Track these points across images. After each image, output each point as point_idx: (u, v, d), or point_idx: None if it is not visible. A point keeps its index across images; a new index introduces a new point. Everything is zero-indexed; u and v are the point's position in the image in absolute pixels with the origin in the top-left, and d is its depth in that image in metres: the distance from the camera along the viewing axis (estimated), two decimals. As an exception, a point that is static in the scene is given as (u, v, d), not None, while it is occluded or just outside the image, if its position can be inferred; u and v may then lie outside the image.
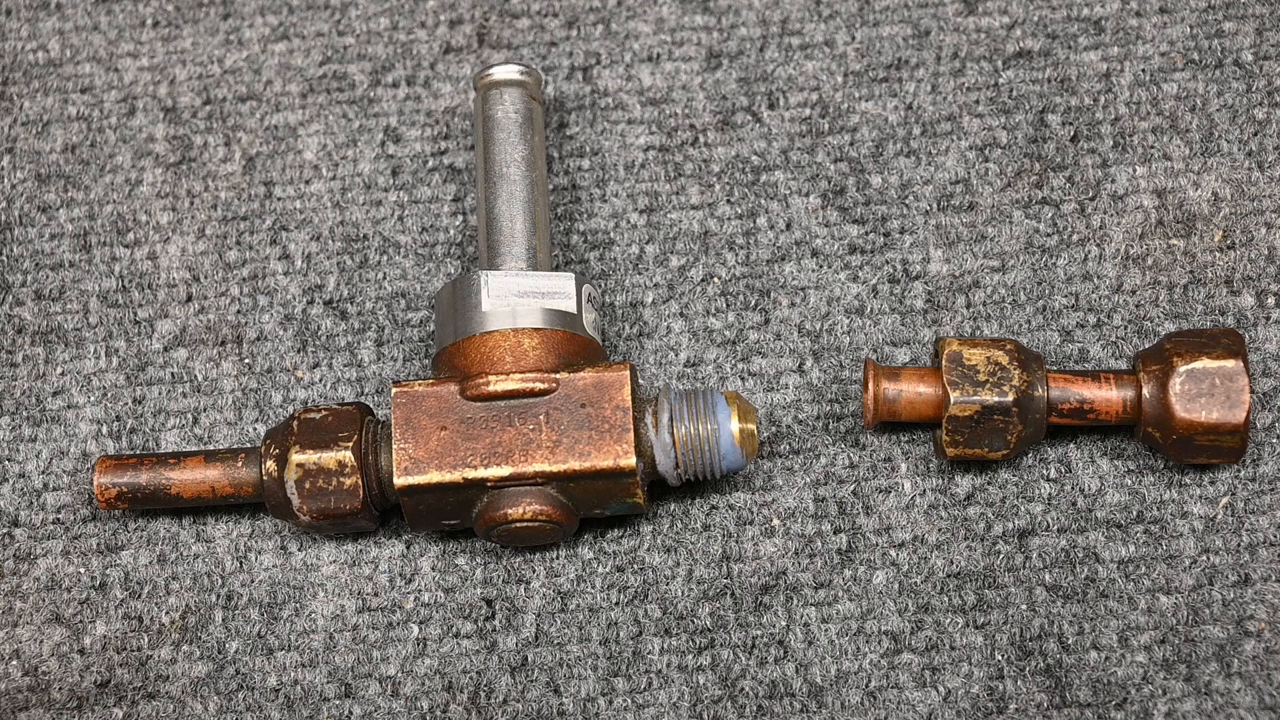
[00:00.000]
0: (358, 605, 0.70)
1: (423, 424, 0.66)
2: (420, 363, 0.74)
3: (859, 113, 0.77)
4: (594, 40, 0.79)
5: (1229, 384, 0.67)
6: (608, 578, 0.70)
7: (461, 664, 0.69)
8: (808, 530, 0.70)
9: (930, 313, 0.73)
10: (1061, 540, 0.70)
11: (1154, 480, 0.70)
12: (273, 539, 0.71)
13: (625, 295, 0.74)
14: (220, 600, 0.70)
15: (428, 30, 0.80)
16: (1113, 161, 0.75)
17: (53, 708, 0.69)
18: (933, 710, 0.67)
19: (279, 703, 0.69)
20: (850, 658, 0.68)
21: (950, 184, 0.75)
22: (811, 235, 0.75)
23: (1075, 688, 0.67)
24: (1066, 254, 0.74)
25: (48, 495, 0.72)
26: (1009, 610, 0.69)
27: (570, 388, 0.66)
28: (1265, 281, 0.73)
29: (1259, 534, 0.69)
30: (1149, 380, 0.67)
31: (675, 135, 0.77)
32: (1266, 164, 0.75)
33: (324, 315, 0.75)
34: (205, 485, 0.69)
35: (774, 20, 0.79)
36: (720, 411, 0.67)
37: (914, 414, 0.68)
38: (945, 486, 0.71)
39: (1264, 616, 0.68)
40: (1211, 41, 0.77)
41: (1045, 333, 0.73)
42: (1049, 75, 0.77)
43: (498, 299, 0.67)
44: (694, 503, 0.71)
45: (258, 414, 0.73)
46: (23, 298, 0.75)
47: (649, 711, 0.68)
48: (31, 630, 0.70)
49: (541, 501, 0.66)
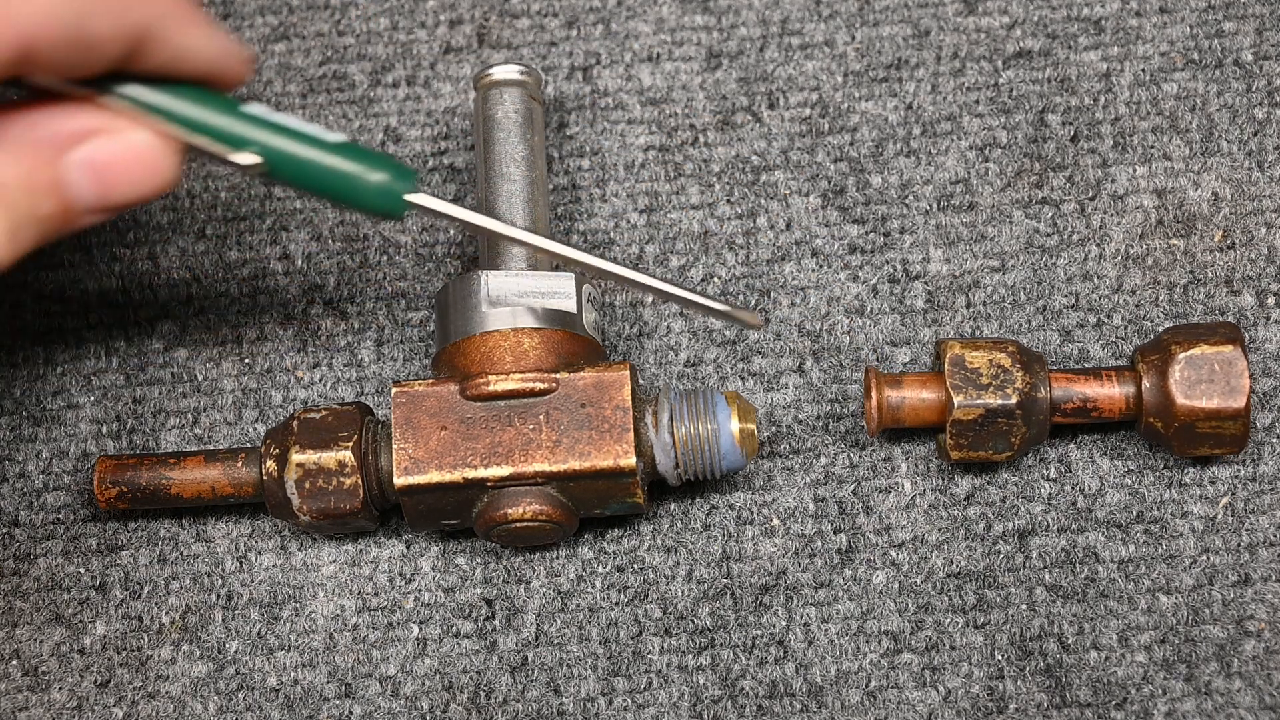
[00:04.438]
0: (358, 605, 0.70)
1: (423, 424, 0.66)
2: (420, 363, 0.74)
3: (859, 113, 0.77)
4: (594, 40, 0.79)
5: (1228, 369, 0.67)
6: (608, 578, 0.70)
7: (461, 664, 0.69)
8: (808, 530, 0.70)
9: (930, 313, 0.73)
10: (1061, 540, 0.70)
11: (1154, 480, 0.70)
12: (273, 539, 0.71)
13: (625, 295, 0.74)
14: (220, 600, 0.70)
15: (428, 30, 0.80)
16: (1113, 161, 0.75)
17: (53, 708, 0.69)
18: (933, 710, 0.68)
19: (279, 703, 0.69)
20: (850, 658, 0.68)
21: (950, 184, 0.75)
22: (811, 235, 0.75)
23: (1075, 688, 0.68)
24: (1066, 254, 0.74)
25: (48, 495, 0.72)
26: (1009, 610, 0.69)
27: (570, 388, 0.66)
28: (1265, 281, 0.73)
29: (1259, 534, 0.70)
30: (1149, 371, 0.67)
31: (675, 135, 0.77)
32: (1266, 164, 0.75)
33: (324, 315, 0.75)
34: (205, 485, 0.69)
35: (774, 20, 0.79)
36: (720, 411, 0.67)
37: (917, 420, 0.68)
38: (945, 486, 0.71)
39: (1264, 616, 0.68)
40: (1211, 41, 0.77)
41: (1045, 333, 0.73)
42: (1049, 75, 0.77)
43: (498, 299, 0.67)
44: (694, 503, 0.71)
45: (258, 414, 0.73)
46: (23, 298, 0.75)
47: (649, 711, 0.68)
48: (31, 630, 0.70)
49: (541, 501, 0.66)
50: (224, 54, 0.57)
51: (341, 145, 0.59)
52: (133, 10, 0.53)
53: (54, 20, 0.50)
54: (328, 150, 0.59)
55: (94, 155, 0.55)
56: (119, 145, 0.55)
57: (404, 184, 0.60)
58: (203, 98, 0.58)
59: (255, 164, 0.58)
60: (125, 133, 0.56)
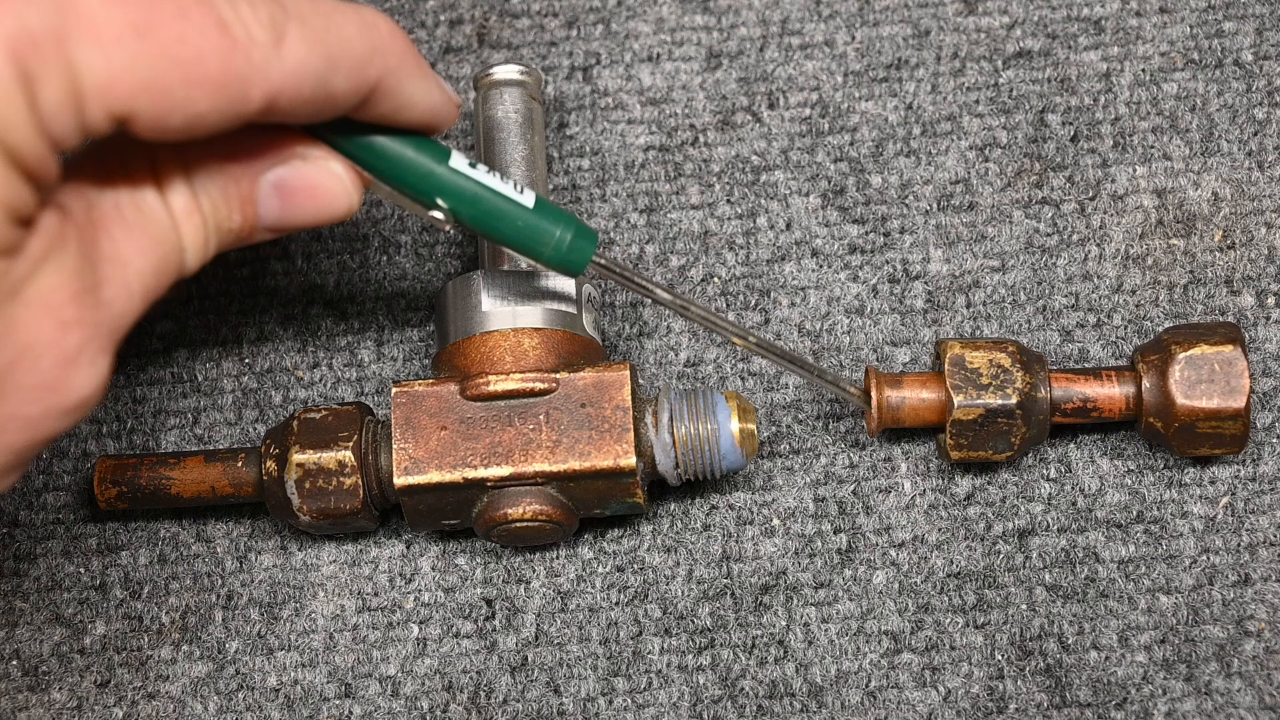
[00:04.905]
0: (358, 605, 0.70)
1: (423, 424, 0.66)
2: (420, 363, 0.74)
3: (859, 113, 0.77)
4: (594, 40, 0.79)
5: (1228, 369, 0.67)
6: (608, 578, 0.70)
7: (461, 664, 0.69)
8: (808, 530, 0.70)
9: (930, 313, 0.73)
10: (1061, 540, 0.70)
11: (1154, 480, 0.70)
12: (273, 539, 0.71)
13: (625, 295, 0.74)
14: (220, 600, 0.70)
15: (428, 30, 0.80)
16: (1113, 161, 0.75)
17: (52, 708, 0.69)
18: (933, 710, 0.68)
19: (279, 703, 0.69)
20: (850, 658, 0.68)
21: (950, 184, 0.75)
22: (811, 235, 0.75)
23: (1075, 688, 0.68)
24: (1066, 254, 0.74)
25: (48, 495, 0.72)
26: (1009, 610, 0.69)
27: (570, 388, 0.66)
28: (1265, 281, 0.73)
29: (1259, 534, 0.70)
30: (1148, 371, 0.67)
31: (675, 135, 0.77)
32: (1266, 164, 0.75)
33: (324, 315, 0.75)
34: (205, 485, 0.69)
35: (774, 20, 0.79)
36: (720, 411, 0.67)
37: (918, 420, 0.68)
38: (945, 486, 0.71)
39: (1264, 616, 0.68)
40: (1211, 41, 0.77)
41: (1045, 333, 0.73)
42: (1049, 75, 0.77)
43: (498, 299, 0.67)
44: (694, 503, 0.71)
45: (258, 414, 0.73)
46: (23, 298, 0.75)
47: (649, 711, 0.68)
48: (31, 630, 0.70)
49: (541, 501, 0.66)
50: (441, 104, 0.58)
51: (530, 207, 0.61)
52: (372, 66, 0.54)
53: (302, 78, 0.52)
54: (518, 211, 0.61)
55: (286, 178, 0.56)
56: (310, 171, 0.57)
57: (585, 247, 0.62)
58: (416, 149, 0.59)
59: (444, 219, 0.60)
60: (319, 160, 0.57)
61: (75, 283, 0.50)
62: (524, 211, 0.61)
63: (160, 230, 0.53)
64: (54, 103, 0.47)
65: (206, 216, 0.55)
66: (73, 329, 0.50)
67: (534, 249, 0.62)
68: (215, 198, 0.55)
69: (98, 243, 0.51)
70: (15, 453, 0.51)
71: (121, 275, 0.52)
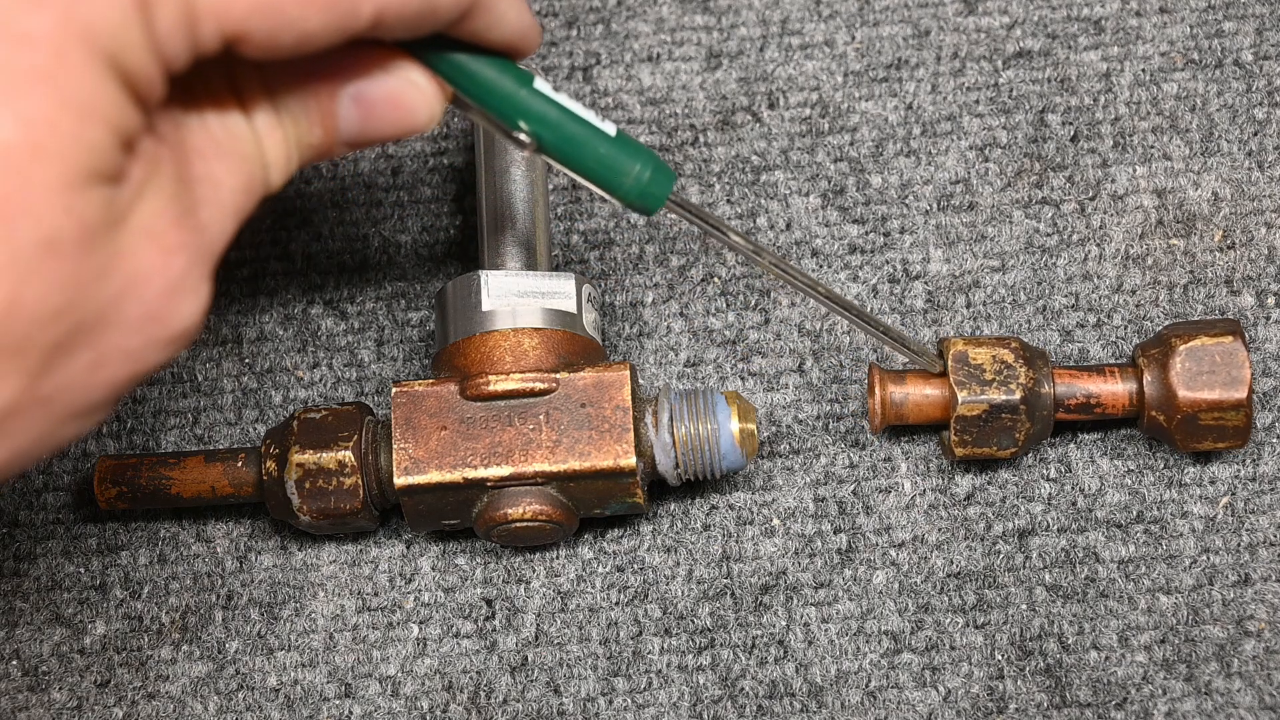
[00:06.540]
0: (358, 605, 0.70)
1: (423, 424, 0.66)
2: (420, 363, 0.74)
3: (859, 113, 0.77)
4: (594, 40, 0.79)
5: (1229, 359, 0.67)
6: (608, 578, 0.70)
7: (461, 664, 0.69)
8: (808, 530, 0.70)
9: (930, 313, 0.73)
10: (1061, 540, 0.70)
11: (1154, 480, 0.70)
12: (273, 539, 0.71)
13: (625, 295, 0.74)
14: (220, 600, 0.70)
15: (428, 30, 0.80)
16: (1113, 161, 0.75)
17: (52, 708, 0.69)
18: (933, 710, 0.68)
19: (279, 703, 0.69)
20: (850, 658, 0.68)
21: (950, 184, 0.75)
22: (811, 235, 0.75)
23: (1075, 688, 0.68)
24: (1066, 254, 0.74)
25: (48, 495, 0.72)
26: (1009, 610, 0.69)
27: (570, 388, 0.66)
28: (1265, 281, 0.73)
29: (1259, 534, 0.70)
30: (1150, 365, 0.67)
31: (675, 135, 0.77)
32: (1266, 164, 0.75)
33: (324, 315, 0.75)
34: (205, 485, 0.69)
35: (774, 20, 0.79)
36: (720, 411, 0.67)
37: (921, 416, 0.68)
38: (945, 486, 0.71)
39: (1264, 616, 0.68)
40: (1211, 41, 0.77)
41: (1045, 333, 0.73)
42: (1049, 75, 0.77)
43: (498, 299, 0.67)
44: (694, 503, 0.71)
45: (258, 414, 0.73)
46: (23, 298, 0.75)
47: (649, 711, 0.68)
48: (31, 630, 0.70)
49: (541, 501, 0.66)
50: (529, 26, 0.57)
51: (612, 137, 0.60)
52: None
53: None
54: (600, 139, 0.59)
55: (366, 90, 0.55)
56: (391, 82, 0.55)
57: (664, 183, 0.60)
58: (500, 70, 0.57)
59: (528, 142, 0.59)
60: (400, 70, 0.55)
61: (175, 207, 0.49)
62: (605, 140, 0.59)
63: (246, 148, 0.52)
64: (170, 23, 0.46)
65: (288, 132, 0.54)
66: (176, 255, 0.49)
67: (612, 180, 0.60)
68: (296, 113, 0.54)
69: (190, 165, 0.50)
70: (114, 387, 0.49)
71: (215, 196, 0.51)
